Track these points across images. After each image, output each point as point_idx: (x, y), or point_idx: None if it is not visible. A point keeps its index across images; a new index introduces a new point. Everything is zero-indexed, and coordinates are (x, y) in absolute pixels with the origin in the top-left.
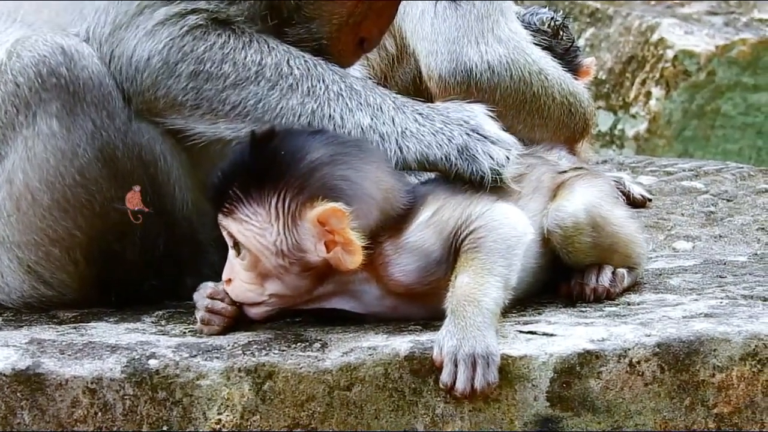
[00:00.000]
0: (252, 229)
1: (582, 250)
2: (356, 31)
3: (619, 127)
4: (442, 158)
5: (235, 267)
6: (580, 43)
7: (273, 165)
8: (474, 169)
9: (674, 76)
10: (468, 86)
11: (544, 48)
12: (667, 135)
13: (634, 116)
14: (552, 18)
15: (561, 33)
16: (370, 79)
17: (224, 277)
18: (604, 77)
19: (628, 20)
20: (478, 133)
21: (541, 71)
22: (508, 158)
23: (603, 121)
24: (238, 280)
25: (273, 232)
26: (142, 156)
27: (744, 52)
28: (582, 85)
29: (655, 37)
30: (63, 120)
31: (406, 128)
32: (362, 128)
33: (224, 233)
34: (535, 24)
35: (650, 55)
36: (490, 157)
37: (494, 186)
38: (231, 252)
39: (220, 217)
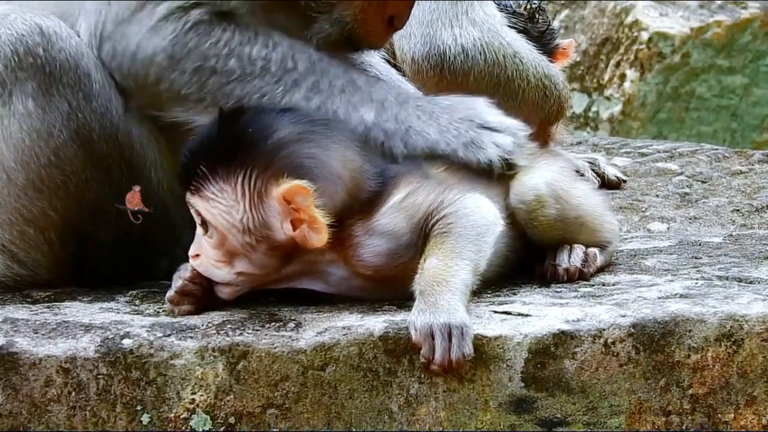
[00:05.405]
0: (219, 206)
1: (547, 224)
2: (382, 9)
3: (594, 108)
4: (449, 154)
5: (202, 244)
6: (555, 25)
7: (240, 143)
8: (482, 159)
9: (649, 58)
10: (441, 69)
11: (520, 31)
12: (641, 117)
13: (608, 98)
14: (528, 0)
15: (537, 16)
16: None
17: (191, 252)
18: (578, 59)
19: (603, 2)
20: (483, 128)
21: (516, 54)
22: (515, 143)
23: (577, 102)
24: (205, 256)
25: (239, 209)
26: (119, 138)
27: (719, 35)
28: (558, 68)
29: (629, 19)
30: (39, 100)
31: (410, 126)
32: (366, 125)
33: (192, 211)
34: (510, 6)
35: (625, 37)
36: (496, 145)
37: (501, 172)
38: (199, 229)
39: (188, 195)
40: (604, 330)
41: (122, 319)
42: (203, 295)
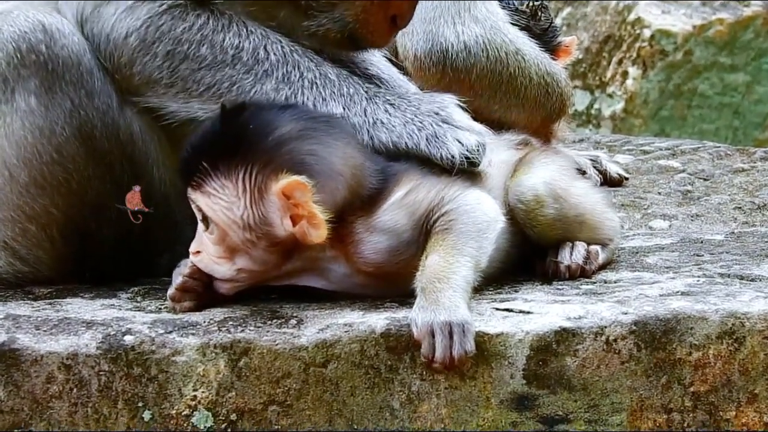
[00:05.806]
0: (219, 202)
1: (547, 224)
2: (385, 9)
3: (596, 106)
4: (412, 147)
5: (203, 240)
6: (557, 22)
7: (241, 139)
8: (443, 154)
9: (651, 55)
10: (444, 66)
11: (522, 28)
12: (643, 114)
13: (610, 96)
14: None
15: (539, 13)
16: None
17: (192, 249)
18: (580, 56)
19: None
20: (447, 123)
21: (518, 51)
22: (479, 143)
23: (580, 100)
24: (206, 253)
25: (240, 205)
26: (120, 135)
27: (721, 32)
28: (560, 65)
29: (632, 17)
30: (41, 97)
31: (377, 119)
32: None
33: (193, 207)
34: (513, 4)
35: (627, 35)
36: (460, 142)
37: (463, 170)
38: (200, 225)
39: (189, 190)
40: (605, 327)
41: (124, 315)
42: (204, 292)
